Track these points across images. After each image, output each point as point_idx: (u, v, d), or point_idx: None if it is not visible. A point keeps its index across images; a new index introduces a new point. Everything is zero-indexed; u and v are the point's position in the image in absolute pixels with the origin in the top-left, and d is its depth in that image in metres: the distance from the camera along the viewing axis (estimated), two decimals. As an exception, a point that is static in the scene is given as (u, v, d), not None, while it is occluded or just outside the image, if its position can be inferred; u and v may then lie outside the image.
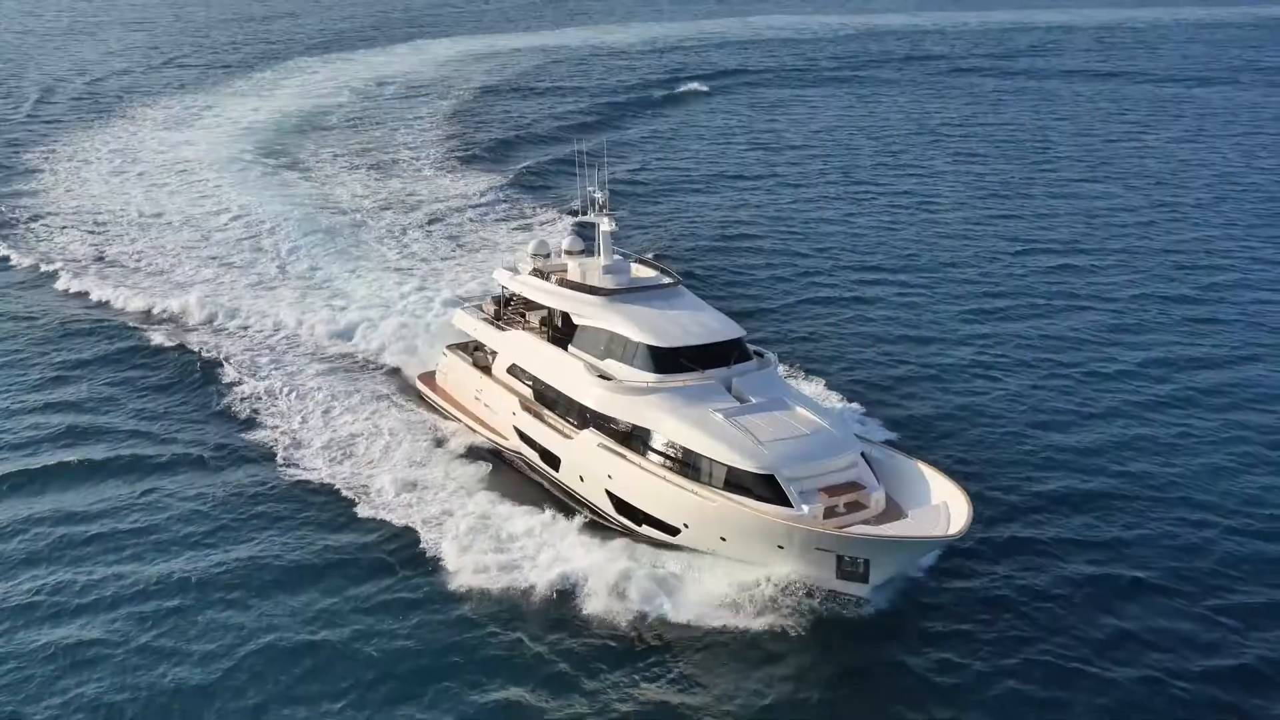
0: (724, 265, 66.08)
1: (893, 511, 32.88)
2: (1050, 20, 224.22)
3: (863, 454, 34.49)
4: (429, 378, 48.79)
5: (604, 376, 37.64)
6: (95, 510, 38.79)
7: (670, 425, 34.79)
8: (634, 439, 36.02)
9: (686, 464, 34.07)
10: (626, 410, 36.33)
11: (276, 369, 50.64)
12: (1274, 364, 52.27)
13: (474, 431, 43.74)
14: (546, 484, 40.05)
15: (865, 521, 32.12)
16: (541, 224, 73.29)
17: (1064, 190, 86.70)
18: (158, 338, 54.76)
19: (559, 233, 68.49)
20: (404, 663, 30.59)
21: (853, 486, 32.97)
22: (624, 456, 35.57)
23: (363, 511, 38.18)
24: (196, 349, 52.93)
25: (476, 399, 44.91)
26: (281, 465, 41.90)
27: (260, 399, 47.64)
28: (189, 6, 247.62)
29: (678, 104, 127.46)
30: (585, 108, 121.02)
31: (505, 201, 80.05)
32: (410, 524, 37.08)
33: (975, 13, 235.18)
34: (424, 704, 29.00)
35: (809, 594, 31.77)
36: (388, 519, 37.63)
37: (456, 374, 46.84)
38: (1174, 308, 60.14)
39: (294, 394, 47.91)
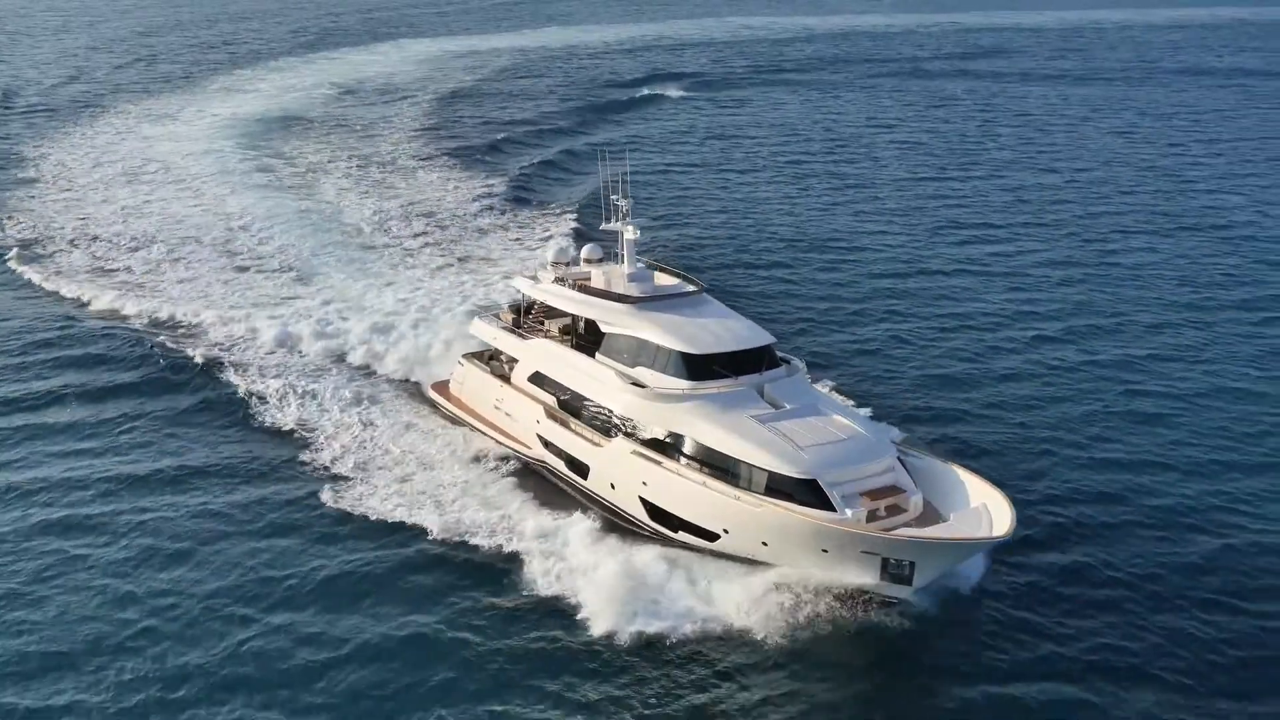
0: (731, 270, 66.67)
1: (930, 515, 33.42)
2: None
3: (898, 458, 34.99)
4: (442, 386, 48.82)
5: (636, 384, 37.90)
6: (122, 523, 38.66)
7: (708, 432, 35.13)
8: (669, 446, 36.33)
9: (725, 470, 34.42)
10: (662, 417, 36.63)
11: (283, 379, 50.37)
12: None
13: (494, 440, 43.85)
14: (573, 492, 40.26)
15: (906, 525, 32.62)
16: (544, 229, 73.57)
17: (1080, 193, 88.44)
18: (154, 342, 54.62)
19: (560, 238, 69.18)
20: (476, 667, 31.00)
21: (892, 490, 33.49)
22: (660, 464, 35.87)
23: (411, 518, 38.35)
24: (199, 358, 52.66)
25: (497, 408, 44.98)
26: (307, 476, 41.89)
27: (275, 409, 47.52)
28: (174, 6, 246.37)
29: (660, 105, 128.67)
30: (571, 109, 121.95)
31: (502, 207, 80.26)
32: (459, 535, 37.28)
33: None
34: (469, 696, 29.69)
35: (850, 597, 32.20)
36: (430, 530, 37.71)
37: (474, 383, 46.86)
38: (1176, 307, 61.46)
39: (307, 403, 47.82)
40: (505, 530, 37.08)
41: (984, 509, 32.36)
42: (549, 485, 40.98)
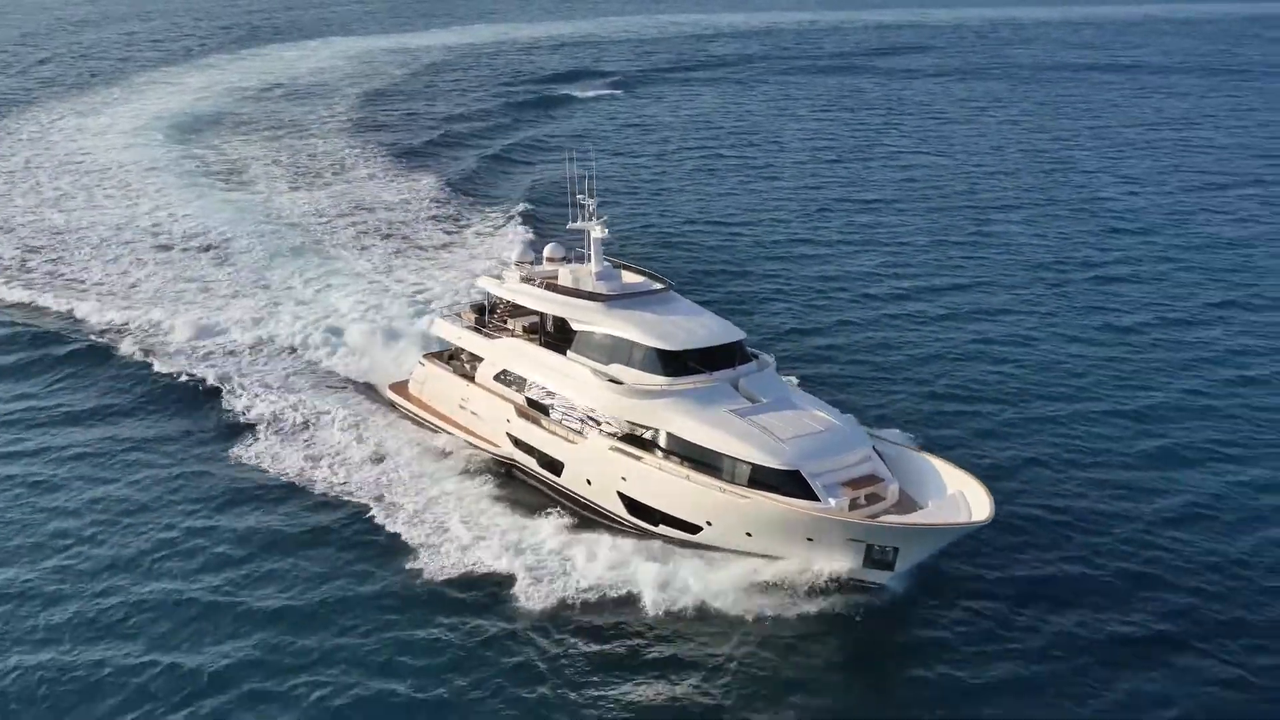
0: (679, 267, 67.26)
1: (906, 503, 34.36)
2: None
3: (874, 448, 35.90)
4: (401, 387, 48.58)
5: (613, 381, 38.25)
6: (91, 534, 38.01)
7: (689, 426, 35.64)
8: (647, 441, 36.76)
9: (705, 464, 34.95)
10: (640, 413, 37.04)
11: (238, 381, 49.75)
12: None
13: (460, 439, 43.78)
14: (544, 489, 40.49)
15: (885, 512, 33.49)
16: (491, 227, 73.63)
17: (1040, 183, 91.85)
18: (99, 347, 54.04)
19: (520, 239, 69.47)
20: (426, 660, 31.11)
21: (871, 479, 34.36)
22: (640, 459, 36.28)
23: (389, 524, 38.19)
24: (148, 360, 52.13)
25: (462, 407, 44.96)
26: (267, 481, 41.61)
27: (233, 413, 46.98)
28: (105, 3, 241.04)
29: (593, 102, 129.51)
30: (506, 105, 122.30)
31: (446, 205, 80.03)
32: (411, 538, 37.19)
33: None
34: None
35: (831, 584, 32.98)
36: (398, 532, 37.63)
37: (436, 383, 46.72)
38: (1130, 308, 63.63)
39: (264, 406, 47.22)
40: (480, 530, 37.13)
41: (960, 495, 33.35)
42: (519, 483, 41.13)
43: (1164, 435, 45.63)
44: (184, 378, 50.23)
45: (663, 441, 36.27)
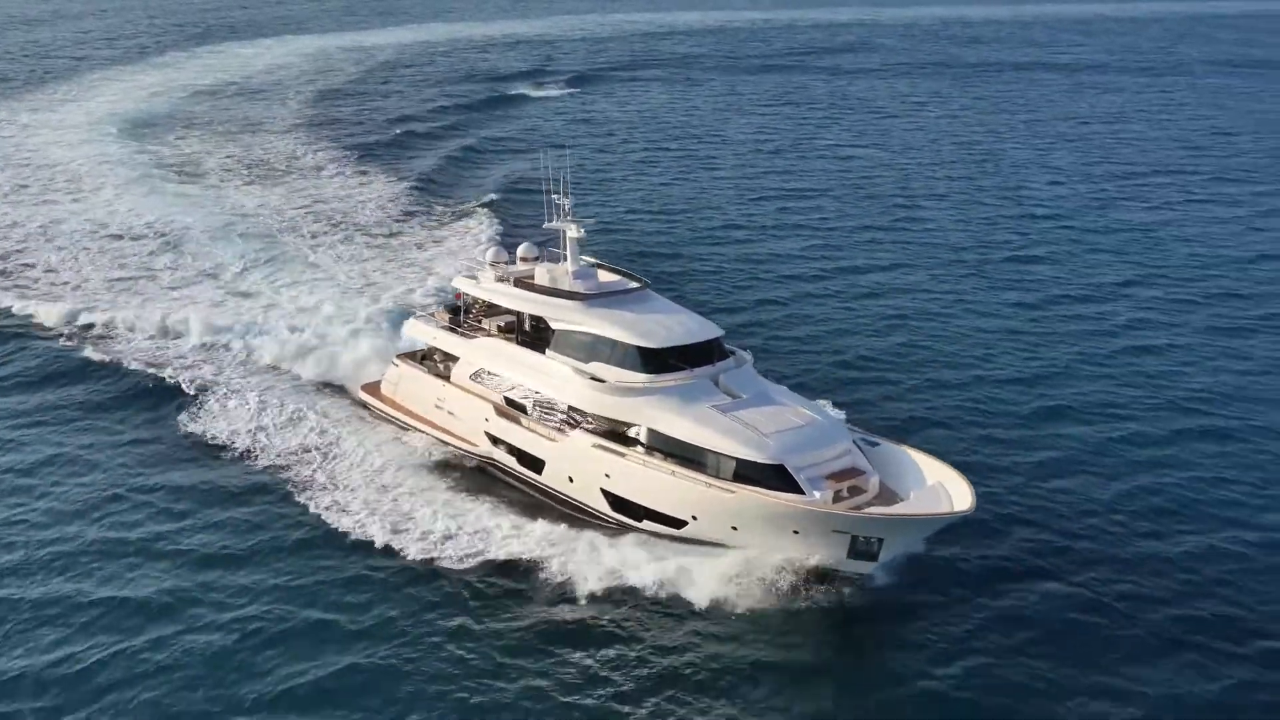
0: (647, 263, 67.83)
1: (887, 494, 34.99)
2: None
3: (853, 441, 36.51)
4: (373, 387, 48.54)
5: (595, 379, 38.53)
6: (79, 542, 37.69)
7: (673, 423, 36.03)
8: (629, 438, 37.11)
9: (689, 459, 35.37)
10: (623, 411, 37.36)
11: (205, 380, 49.56)
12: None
13: (436, 439, 43.85)
14: (523, 487, 40.70)
15: (868, 504, 34.11)
16: (458, 225, 73.71)
17: (994, 173, 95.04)
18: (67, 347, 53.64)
19: (471, 233, 69.54)
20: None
21: (853, 472, 34.95)
22: (624, 455, 36.62)
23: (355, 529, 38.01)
24: (118, 361, 51.78)
25: (438, 407, 45.01)
26: (249, 480, 41.44)
27: (203, 414, 46.60)
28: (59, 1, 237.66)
29: (550, 99, 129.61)
30: (463, 104, 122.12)
31: (410, 204, 79.80)
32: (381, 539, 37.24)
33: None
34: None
35: (816, 575, 33.54)
36: (366, 532, 37.71)
37: (410, 383, 46.69)
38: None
39: (234, 404, 47.07)
40: (469, 530, 37.31)
41: (941, 487, 34.04)
42: (498, 481, 41.31)
43: (1059, 399, 49.15)
44: (141, 373, 50.25)
45: (646, 438, 36.65)
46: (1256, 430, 46.58)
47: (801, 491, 33.48)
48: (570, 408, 39.24)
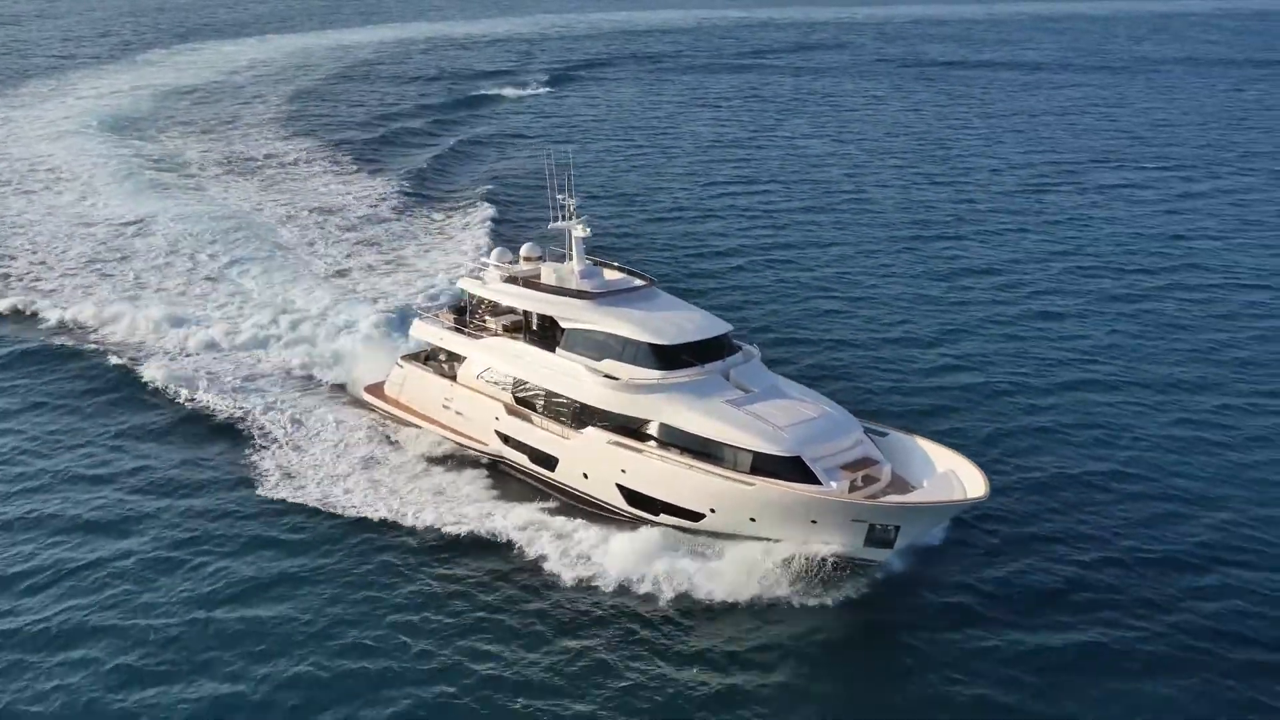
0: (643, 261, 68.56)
1: (899, 483, 35.80)
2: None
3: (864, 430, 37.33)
4: (377, 389, 48.87)
5: (609, 377, 39.08)
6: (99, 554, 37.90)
7: (688, 418, 36.67)
8: (644, 434, 37.71)
9: (705, 454, 36.02)
10: (637, 407, 37.94)
11: (207, 384, 49.70)
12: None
13: (446, 439, 44.26)
14: (535, 483, 41.23)
15: (882, 493, 34.93)
16: (455, 225, 74.03)
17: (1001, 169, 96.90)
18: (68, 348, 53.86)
19: (468, 229, 69.90)
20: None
21: (866, 462, 35.75)
22: (640, 451, 37.22)
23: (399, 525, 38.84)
24: (123, 362, 51.94)
25: (446, 407, 45.41)
26: (272, 488, 41.47)
27: (206, 418, 46.98)
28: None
29: (528, 98, 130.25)
30: (446, 103, 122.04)
31: (402, 203, 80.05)
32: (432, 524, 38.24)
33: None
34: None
35: (832, 563, 34.29)
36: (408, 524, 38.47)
37: (416, 383, 47.04)
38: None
39: (239, 409, 47.29)
40: (490, 519, 38.08)
41: (953, 474, 34.89)
42: (510, 478, 41.95)
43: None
44: (133, 374, 50.55)
45: (662, 434, 37.24)
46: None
47: (818, 482, 34.22)
48: (581, 405, 39.79)
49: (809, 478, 34.32)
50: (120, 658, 31.34)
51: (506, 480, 41.78)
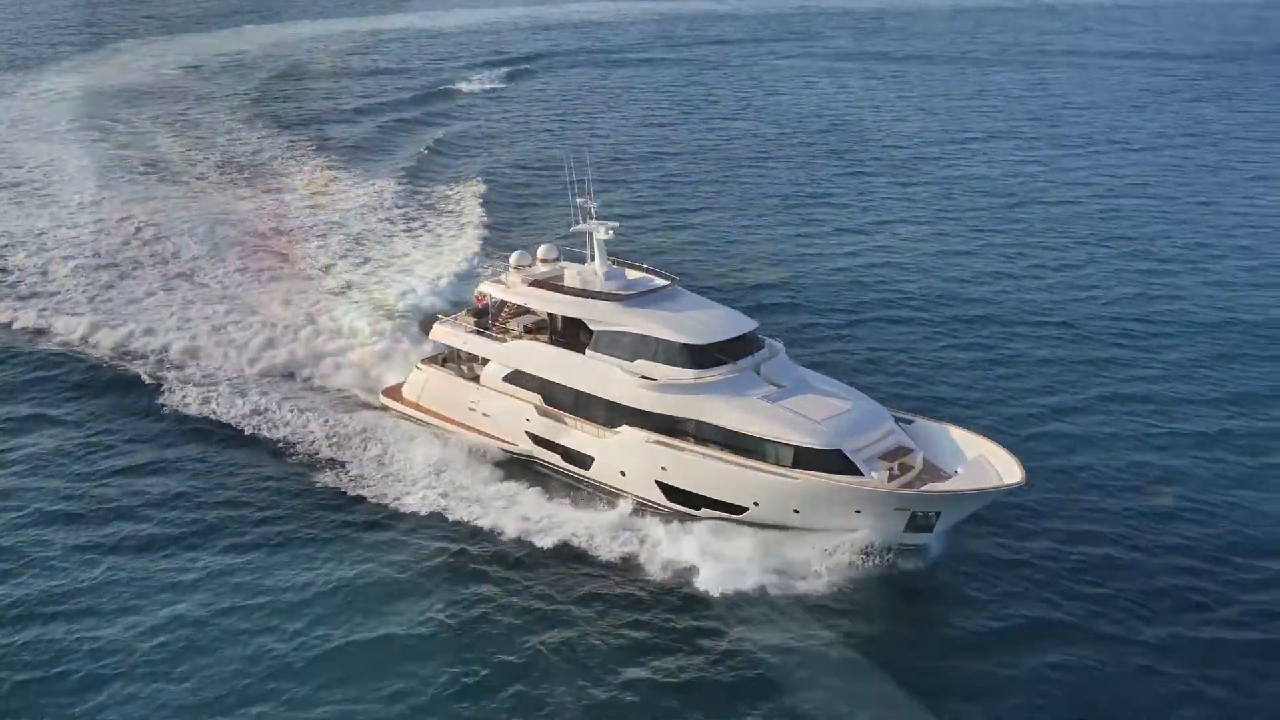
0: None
1: (930, 469, 37.59)
2: None
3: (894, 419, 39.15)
4: (395, 391, 49.69)
5: (646, 377, 40.38)
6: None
7: (728, 415, 38.13)
8: (683, 432, 39.11)
9: (748, 449, 37.54)
10: (676, 406, 39.28)
11: (214, 393, 50.32)
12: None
13: (472, 439, 45.15)
14: (570, 481, 42.53)
15: (918, 480, 36.73)
16: (449, 224, 74.46)
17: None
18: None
19: (460, 233, 70.42)
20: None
21: (901, 451, 37.52)
22: (681, 449, 38.67)
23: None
24: (140, 376, 52.33)
25: (471, 409, 46.39)
26: (289, 486, 42.82)
27: (230, 423, 47.83)
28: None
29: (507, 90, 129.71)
30: (416, 96, 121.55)
31: (395, 202, 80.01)
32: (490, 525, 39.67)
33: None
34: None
35: (873, 552, 36.14)
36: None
37: (439, 386, 47.79)
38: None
39: (260, 414, 48.19)
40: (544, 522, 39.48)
41: (985, 460, 36.72)
42: (545, 477, 43.16)
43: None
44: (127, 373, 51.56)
45: (702, 431, 38.64)
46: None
47: (859, 473, 35.94)
48: (611, 404, 41.05)
49: (850, 469, 36.02)
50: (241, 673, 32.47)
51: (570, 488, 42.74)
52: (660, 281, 44.84)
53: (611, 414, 41.11)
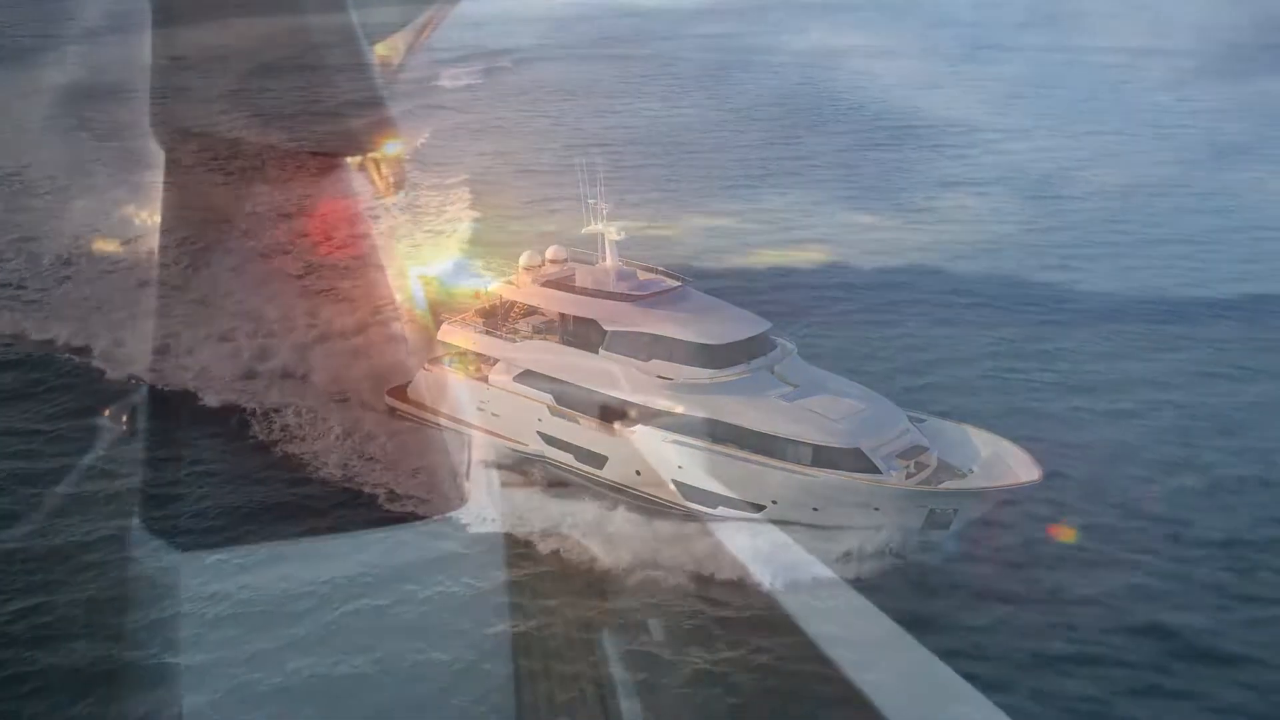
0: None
1: (944, 466, 38.08)
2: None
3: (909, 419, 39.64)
4: (399, 392, 49.87)
5: (662, 377, 40.66)
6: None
7: (746, 414, 38.45)
8: (699, 431, 39.38)
9: (766, 449, 37.89)
10: (691, 406, 39.54)
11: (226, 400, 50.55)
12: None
13: (481, 439, 45.42)
14: (582, 481, 42.77)
15: (933, 477, 37.19)
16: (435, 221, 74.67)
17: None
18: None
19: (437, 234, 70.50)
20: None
21: (917, 449, 37.99)
22: (697, 448, 38.98)
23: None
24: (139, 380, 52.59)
25: (481, 409, 46.55)
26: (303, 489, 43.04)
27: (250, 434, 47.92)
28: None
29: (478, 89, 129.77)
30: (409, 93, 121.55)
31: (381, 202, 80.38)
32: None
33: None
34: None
35: (893, 549, 36.61)
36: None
37: (445, 386, 48.05)
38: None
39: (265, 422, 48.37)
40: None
41: (1001, 458, 37.24)
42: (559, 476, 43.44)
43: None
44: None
45: (719, 431, 38.91)
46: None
47: (879, 471, 36.39)
48: (626, 404, 41.32)
49: (870, 467, 36.46)
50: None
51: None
52: (672, 282, 45.05)
53: (626, 414, 41.37)
